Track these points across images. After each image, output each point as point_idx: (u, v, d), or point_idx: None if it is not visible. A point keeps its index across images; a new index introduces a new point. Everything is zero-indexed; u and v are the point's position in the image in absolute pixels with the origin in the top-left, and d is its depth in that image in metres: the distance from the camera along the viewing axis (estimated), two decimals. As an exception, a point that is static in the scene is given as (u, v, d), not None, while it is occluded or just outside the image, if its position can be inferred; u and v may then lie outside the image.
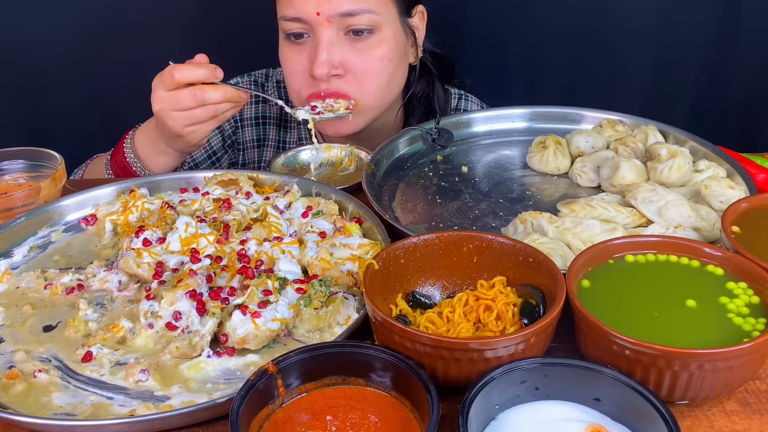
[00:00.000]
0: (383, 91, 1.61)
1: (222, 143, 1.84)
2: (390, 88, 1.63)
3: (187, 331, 1.04)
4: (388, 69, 1.58)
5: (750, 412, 0.94)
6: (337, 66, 1.52)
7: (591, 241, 1.16)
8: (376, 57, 1.55)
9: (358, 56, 1.53)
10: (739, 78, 2.31)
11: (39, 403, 0.96)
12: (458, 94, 1.91)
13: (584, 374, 0.87)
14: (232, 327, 1.03)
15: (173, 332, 1.04)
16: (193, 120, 1.42)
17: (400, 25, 1.60)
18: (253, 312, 1.03)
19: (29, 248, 1.29)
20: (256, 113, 1.85)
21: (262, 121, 1.86)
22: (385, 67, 1.57)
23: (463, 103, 1.91)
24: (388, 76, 1.59)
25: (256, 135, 1.86)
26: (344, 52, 1.52)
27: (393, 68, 1.60)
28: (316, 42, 1.51)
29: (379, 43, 1.55)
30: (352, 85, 1.56)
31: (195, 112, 1.40)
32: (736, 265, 1.02)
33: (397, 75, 1.64)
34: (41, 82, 2.28)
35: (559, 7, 2.26)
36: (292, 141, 1.86)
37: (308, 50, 1.54)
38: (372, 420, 0.87)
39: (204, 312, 1.05)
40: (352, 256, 1.14)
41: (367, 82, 1.56)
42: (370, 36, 1.54)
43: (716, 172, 1.35)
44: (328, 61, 1.51)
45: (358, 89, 1.56)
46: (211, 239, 1.21)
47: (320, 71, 1.50)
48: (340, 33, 1.52)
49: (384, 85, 1.60)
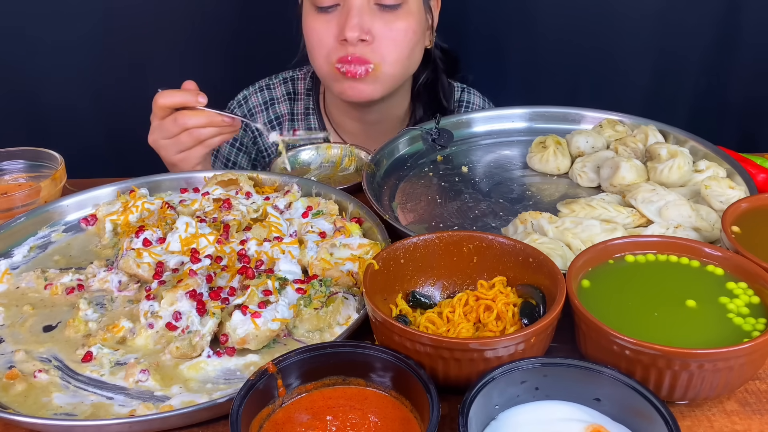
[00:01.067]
0: (404, 62, 1.66)
1: (249, 160, 1.89)
2: (410, 61, 1.68)
3: (187, 331, 1.04)
4: (412, 41, 1.64)
5: (750, 412, 0.94)
6: (366, 32, 1.57)
7: (591, 241, 1.16)
8: (402, 28, 1.61)
9: (385, 25, 1.59)
10: (739, 78, 2.31)
11: (39, 403, 0.96)
12: (461, 87, 1.96)
13: (584, 374, 0.87)
14: (232, 327, 1.03)
15: (173, 332, 1.04)
16: (180, 146, 1.45)
17: (423, 3, 1.67)
18: (254, 312, 1.03)
19: (29, 248, 1.29)
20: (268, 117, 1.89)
21: (277, 122, 1.90)
22: (409, 39, 1.63)
23: (466, 95, 1.95)
24: (410, 48, 1.65)
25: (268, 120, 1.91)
26: (373, 21, 1.58)
27: (415, 41, 1.66)
28: (348, 8, 1.57)
29: (405, 16, 1.61)
30: (377, 52, 1.61)
31: (180, 138, 1.44)
32: (736, 265, 1.02)
33: (417, 50, 1.70)
34: (41, 82, 2.28)
35: (560, 8, 2.26)
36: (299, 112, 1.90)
37: (338, 18, 1.60)
38: (372, 420, 0.87)
39: (204, 312, 1.05)
40: (352, 256, 1.14)
41: (392, 50, 1.62)
42: (397, 9, 1.60)
43: (716, 172, 1.35)
44: (359, 25, 1.56)
45: (381, 56, 1.61)
46: (211, 239, 1.21)
47: (351, 34, 1.56)
48: (371, 2, 1.58)
49: (406, 56, 1.65)
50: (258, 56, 2.05)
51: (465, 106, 1.93)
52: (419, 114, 1.85)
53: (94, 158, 2.31)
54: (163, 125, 1.44)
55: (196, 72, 1.88)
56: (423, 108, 1.85)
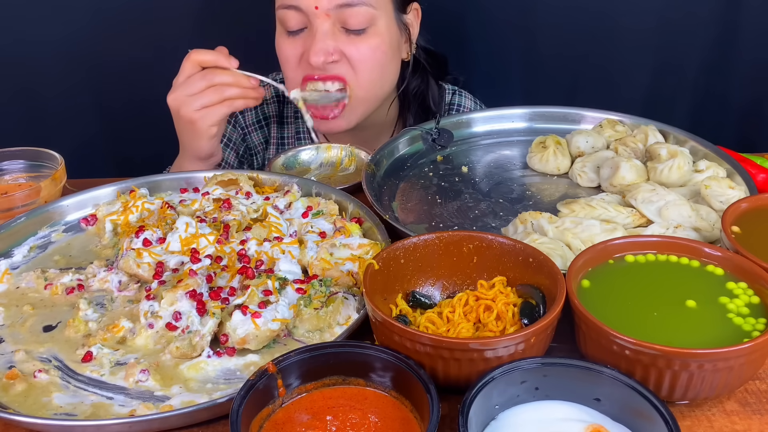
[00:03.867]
0: (376, 83, 1.63)
1: (236, 156, 1.87)
2: (382, 81, 1.66)
3: (187, 331, 1.04)
4: (382, 60, 1.62)
5: (750, 412, 0.94)
6: (332, 52, 1.56)
7: (591, 241, 1.16)
8: (371, 47, 1.59)
9: (352, 44, 1.57)
10: (739, 78, 2.31)
11: (39, 403, 0.96)
12: (452, 89, 1.93)
13: (584, 374, 0.87)
14: (233, 327, 1.03)
15: (173, 332, 1.04)
16: (203, 101, 1.46)
17: (395, 20, 1.64)
18: (254, 312, 1.03)
19: (29, 248, 1.29)
20: (257, 116, 1.89)
21: (264, 122, 1.90)
22: (378, 58, 1.61)
23: (457, 98, 1.93)
24: (380, 67, 1.62)
25: (262, 137, 1.90)
26: (339, 43, 1.56)
27: (386, 60, 1.63)
28: (313, 33, 1.55)
29: (373, 36, 1.59)
30: (347, 69, 1.59)
31: (205, 94, 1.45)
32: (736, 265, 1.02)
33: (390, 68, 1.67)
34: (42, 82, 2.28)
35: (560, 8, 2.26)
36: (290, 136, 1.89)
37: (303, 41, 1.58)
38: (372, 420, 0.87)
39: (204, 312, 1.05)
40: (352, 256, 1.14)
41: (361, 70, 1.59)
42: (363, 33, 1.58)
43: (716, 172, 1.35)
44: (324, 49, 1.54)
45: (353, 76, 1.59)
46: (211, 239, 1.21)
47: (316, 59, 1.54)
48: (337, 25, 1.56)
49: (377, 77, 1.63)
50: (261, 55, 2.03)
51: (456, 110, 1.91)
52: (409, 121, 1.84)
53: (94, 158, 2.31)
54: (190, 81, 1.46)
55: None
56: (413, 115, 1.83)
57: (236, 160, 1.87)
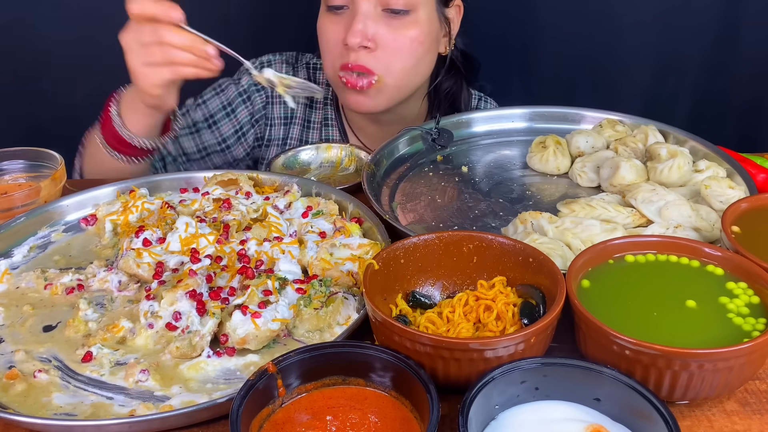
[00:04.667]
0: (409, 72, 1.63)
1: (250, 118, 1.82)
2: (416, 71, 1.65)
3: (187, 331, 1.04)
4: (418, 51, 1.61)
5: (750, 412, 0.94)
6: (369, 39, 1.55)
7: (591, 241, 1.16)
8: (407, 37, 1.58)
9: (390, 32, 1.57)
10: (739, 78, 2.31)
11: (39, 403, 0.96)
12: (478, 95, 1.93)
13: (584, 374, 0.87)
14: (233, 327, 1.03)
15: (173, 332, 1.04)
16: (148, 58, 1.32)
17: (436, 12, 1.64)
18: (254, 312, 1.03)
19: (29, 248, 1.29)
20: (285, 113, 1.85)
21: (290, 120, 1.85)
22: (414, 48, 1.60)
23: (482, 104, 1.93)
24: (416, 59, 1.62)
25: (284, 113, 1.85)
26: (378, 27, 1.56)
27: (422, 52, 1.62)
28: (354, 13, 1.55)
29: (412, 24, 1.58)
30: (380, 61, 1.58)
31: (152, 51, 1.30)
32: (736, 265, 1.02)
33: (426, 60, 1.66)
34: (42, 82, 2.28)
35: (560, 8, 2.26)
36: (317, 120, 1.86)
37: (345, 21, 1.57)
38: (372, 420, 0.87)
39: (204, 312, 1.05)
40: (352, 256, 1.14)
41: (395, 60, 1.59)
42: (405, 16, 1.57)
43: (716, 172, 1.35)
44: (363, 31, 1.54)
45: (385, 66, 1.59)
46: (211, 239, 1.21)
47: (353, 40, 1.54)
48: (378, 8, 1.56)
49: (411, 66, 1.62)
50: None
51: None
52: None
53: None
54: (141, 30, 1.30)
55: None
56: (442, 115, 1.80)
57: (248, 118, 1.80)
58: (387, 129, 1.71)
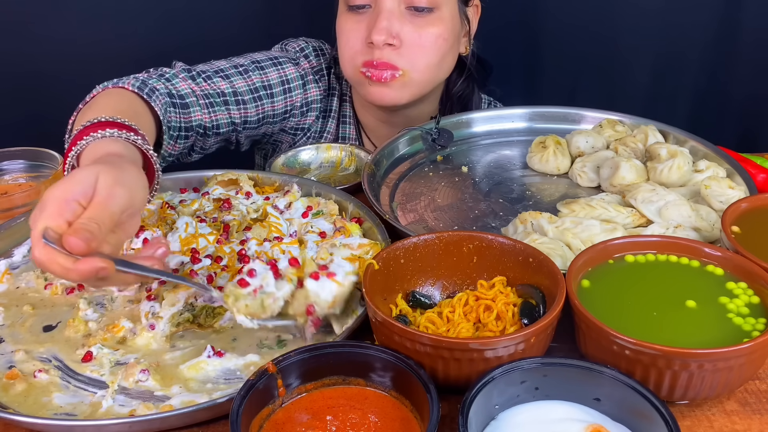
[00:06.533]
0: (433, 68, 1.63)
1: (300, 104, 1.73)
2: (440, 68, 1.65)
3: (260, 291, 0.98)
4: (442, 48, 1.61)
5: (750, 412, 0.94)
6: (394, 36, 1.55)
7: (591, 241, 1.16)
8: (432, 34, 1.58)
9: (414, 30, 1.57)
10: (739, 78, 2.31)
11: (39, 403, 0.96)
12: (488, 100, 1.93)
13: (584, 374, 0.87)
14: (315, 294, 0.98)
15: (243, 289, 0.98)
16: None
17: (458, 10, 1.64)
18: (327, 273, 0.99)
19: (29, 248, 1.29)
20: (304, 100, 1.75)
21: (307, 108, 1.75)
22: (439, 45, 1.60)
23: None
24: (440, 55, 1.62)
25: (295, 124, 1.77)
26: (403, 24, 1.56)
27: (446, 48, 1.62)
28: (378, 11, 1.55)
29: (436, 22, 1.58)
30: (404, 57, 1.58)
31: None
32: (736, 265, 1.02)
33: (449, 57, 1.66)
34: (42, 82, 2.28)
35: (560, 7, 2.26)
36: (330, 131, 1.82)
37: (368, 20, 1.57)
38: (372, 420, 0.87)
39: (279, 276, 1.00)
40: (352, 256, 1.14)
41: (420, 57, 1.59)
42: (429, 14, 1.57)
43: (716, 172, 1.35)
44: (387, 29, 1.54)
45: (410, 62, 1.58)
46: (211, 239, 1.21)
47: (378, 38, 1.53)
48: (402, 6, 1.56)
49: (435, 63, 1.62)
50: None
51: None
52: None
53: (94, 158, 2.31)
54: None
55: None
56: None
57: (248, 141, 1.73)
58: (395, 130, 1.71)
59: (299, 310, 1.00)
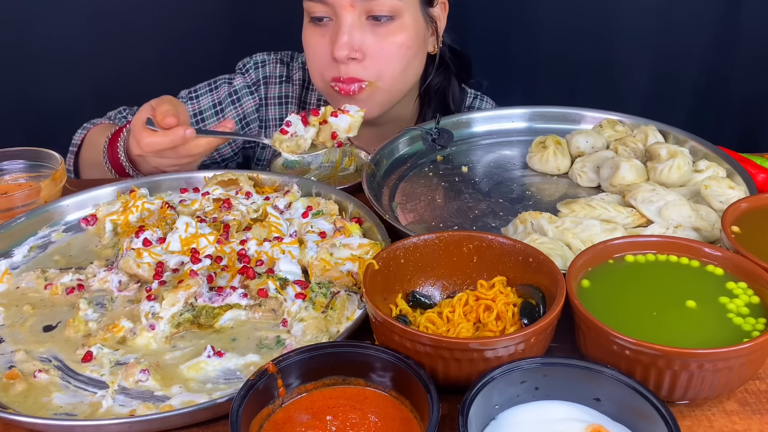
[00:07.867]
0: (399, 77, 1.62)
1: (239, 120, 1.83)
2: (405, 75, 1.65)
3: (295, 135, 1.40)
4: (406, 56, 1.61)
5: (750, 412, 0.94)
6: (356, 50, 1.55)
7: (591, 241, 1.16)
8: (395, 43, 1.57)
9: (377, 41, 1.56)
10: (739, 78, 2.31)
11: (39, 403, 0.96)
12: (474, 94, 1.92)
13: (584, 374, 0.87)
14: (336, 123, 1.41)
15: (284, 135, 1.41)
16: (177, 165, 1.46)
17: (421, 14, 1.63)
18: (342, 110, 1.42)
19: (29, 248, 1.29)
20: (279, 93, 1.85)
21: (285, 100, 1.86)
22: (403, 54, 1.59)
23: (478, 102, 1.92)
24: (405, 63, 1.61)
25: (279, 114, 1.86)
26: (364, 37, 1.55)
27: (411, 56, 1.62)
28: (338, 25, 1.54)
29: (398, 30, 1.57)
30: (369, 70, 1.58)
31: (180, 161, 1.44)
32: (736, 265, 1.02)
33: (414, 63, 1.66)
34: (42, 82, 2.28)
35: (560, 8, 2.26)
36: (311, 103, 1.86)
37: (331, 33, 1.57)
38: (372, 420, 0.87)
39: (307, 123, 1.42)
40: (352, 256, 1.14)
41: (384, 67, 1.59)
42: (390, 22, 1.56)
43: (716, 172, 1.35)
44: (349, 44, 1.53)
45: (375, 74, 1.58)
46: (211, 239, 1.21)
47: (340, 53, 1.53)
48: (362, 17, 1.55)
49: (400, 71, 1.62)
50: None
51: None
52: (428, 117, 1.81)
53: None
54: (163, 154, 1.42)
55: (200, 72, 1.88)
56: (432, 112, 1.81)
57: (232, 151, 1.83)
58: (380, 129, 1.72)
59: (326, 137, 1.43)
